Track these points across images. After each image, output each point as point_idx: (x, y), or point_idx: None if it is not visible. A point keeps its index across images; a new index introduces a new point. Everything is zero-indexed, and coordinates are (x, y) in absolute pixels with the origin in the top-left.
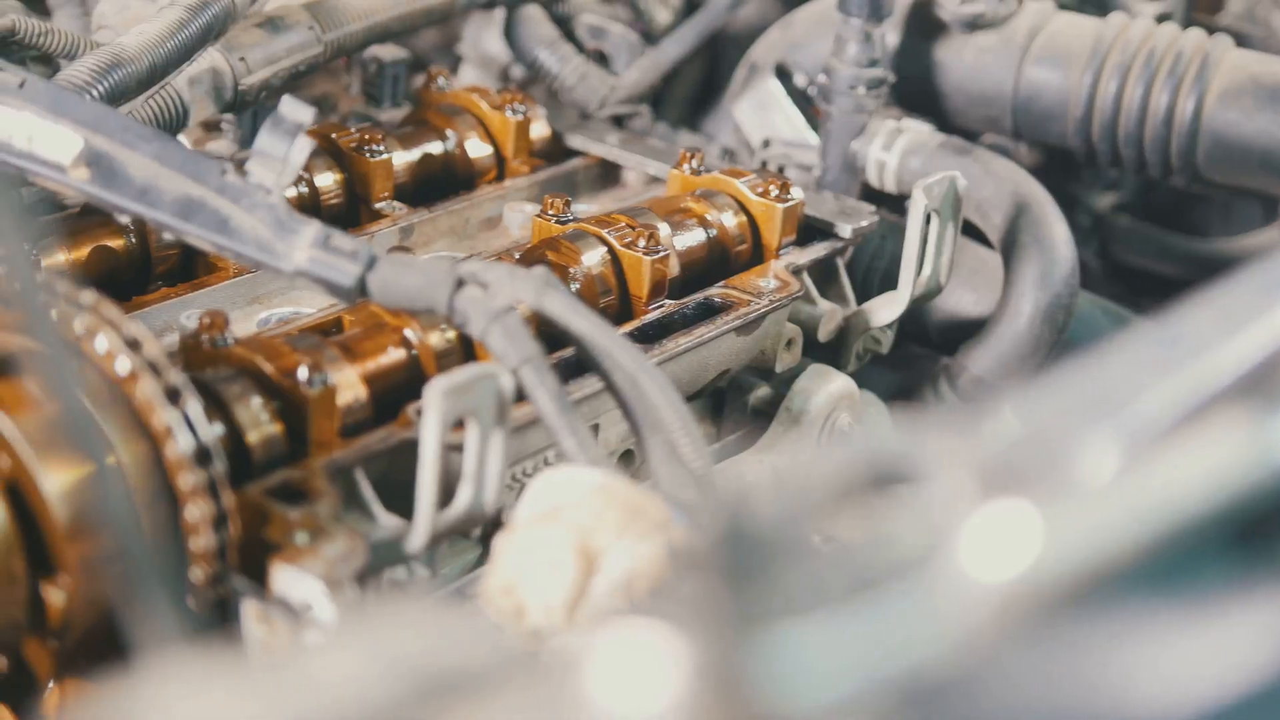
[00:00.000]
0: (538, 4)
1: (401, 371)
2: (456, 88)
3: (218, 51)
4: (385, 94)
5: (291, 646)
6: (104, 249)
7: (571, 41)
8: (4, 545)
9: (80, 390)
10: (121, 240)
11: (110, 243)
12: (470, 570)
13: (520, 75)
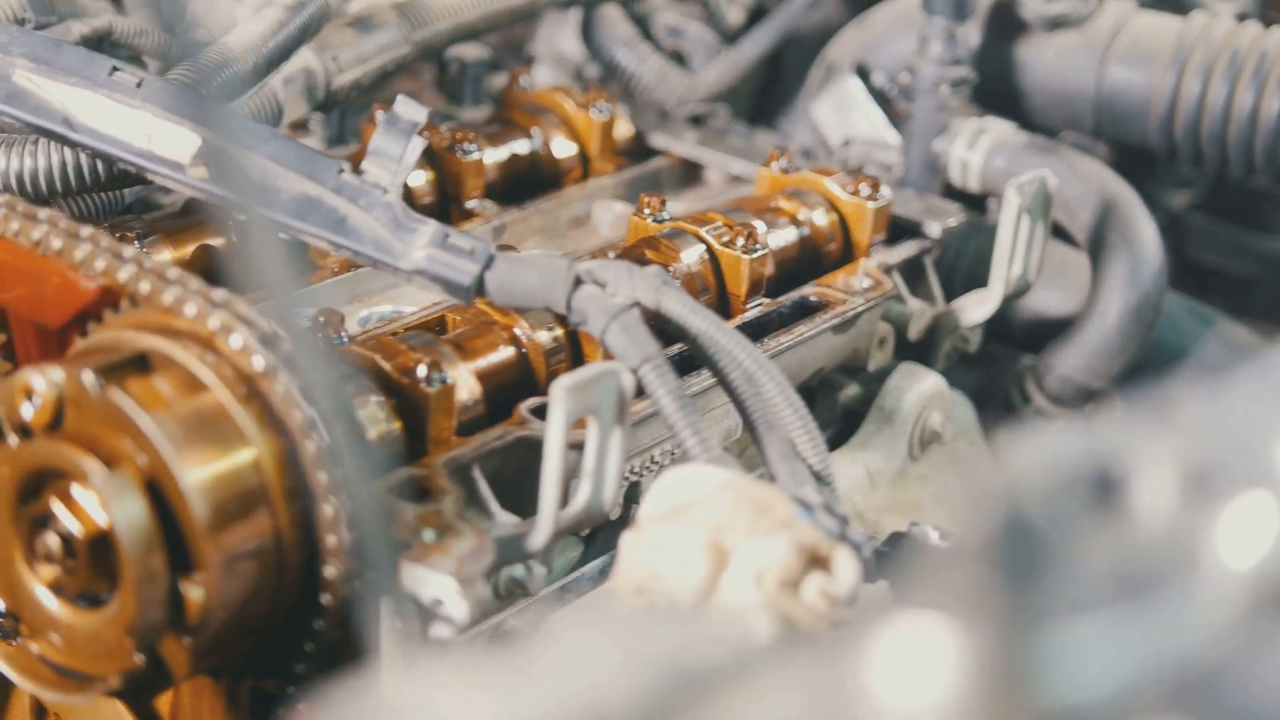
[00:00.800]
0: (616, 3)
1: (512, 369)
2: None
3: (310, 51)
4: (466, 93)
5: (429, 645)
6: (207, 248)
7: (648, 41)
8: (145, 542)
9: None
10: (224, 239)
11: (213, 242)
12: (573, 568)
13: (594, 74)
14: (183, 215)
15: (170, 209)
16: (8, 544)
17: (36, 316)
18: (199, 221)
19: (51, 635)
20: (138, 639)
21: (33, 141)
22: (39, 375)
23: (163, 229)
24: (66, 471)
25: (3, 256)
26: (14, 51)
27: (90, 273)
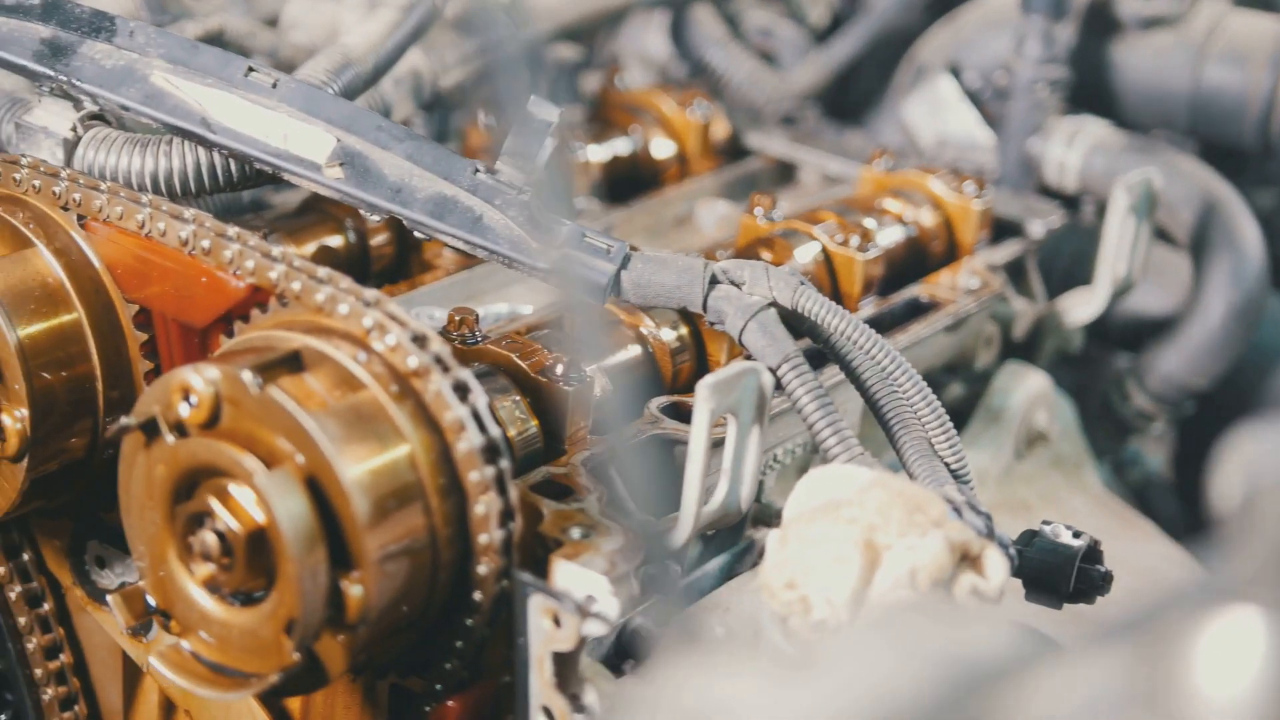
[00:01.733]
0: (708, 3)
1: (639, 368)
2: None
3: (417, 51)
4: (560, 93)
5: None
6: (325, 248)
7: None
8: (308, 539)
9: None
10: (342, 239)
11: (331, 242)
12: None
13: (679, 74)
14: (300, 214)
15: (283, 209)
16: (162, 542)
17: (182, 315)
18: (316, 220)
19: (203, 633)
20: (299, 637)
21: (167, 142)
22: (196, 374)
23: (282, 228)
24: (224, 470)
25: (149, 256)
26: (151, 53)
27: (239, 272)
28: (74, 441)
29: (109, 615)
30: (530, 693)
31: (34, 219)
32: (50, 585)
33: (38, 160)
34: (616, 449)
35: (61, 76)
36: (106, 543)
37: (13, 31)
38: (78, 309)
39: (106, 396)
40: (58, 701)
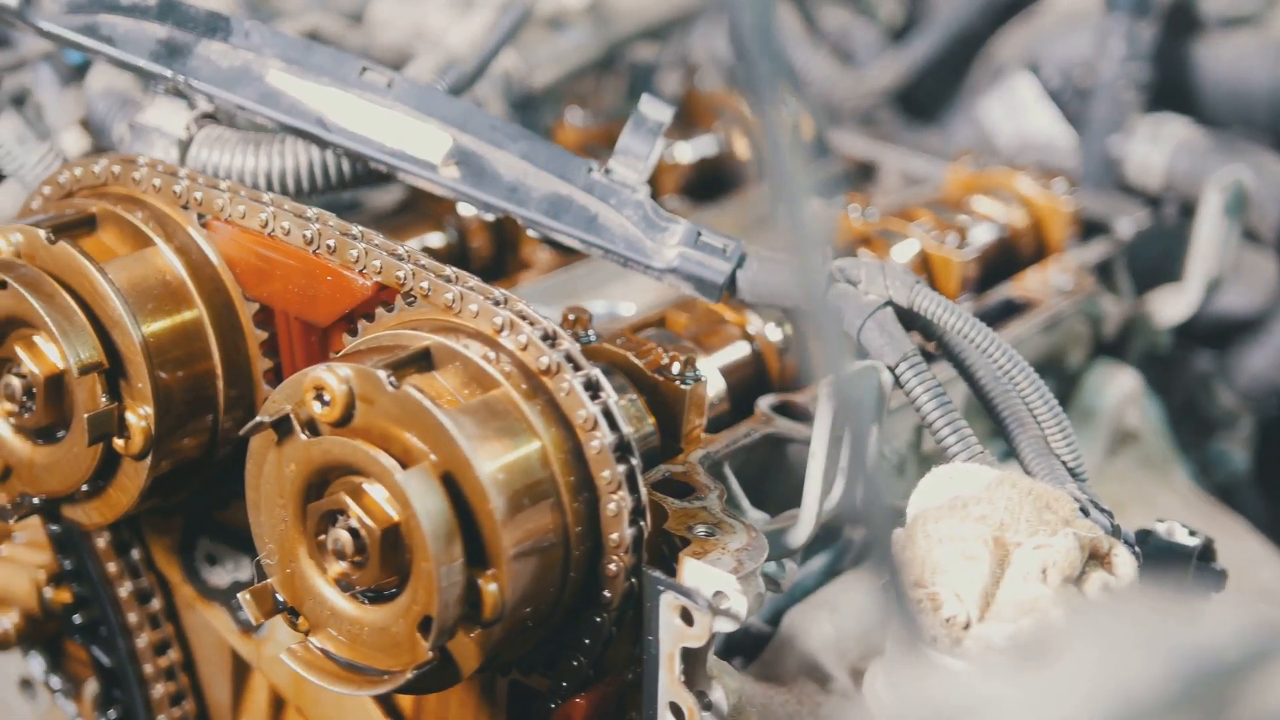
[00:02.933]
0: (784, 2)
1: (748, 366)
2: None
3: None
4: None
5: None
6: (426, 248)
7: (813, 40)
8: (447, 536)
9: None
10: (443, 237)
11: (431, 240)
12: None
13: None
14: (399, 213)
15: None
16: (291, 540)
17: (305, 314)
18: (416, 219)
19: (331, 629)
20: (436, 634)
21: (280, 141)
22: (330, 373)
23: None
24: (359, 468)
25: (272, 255)
26: (266, 52)
27: (364, 271)
28: (194, 439)
29: (218, 612)
30: (658, 690)
31: (152, 217)
32: (159, 582)
33: (155, 160)
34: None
35: (179, 76)
36: (218, 540)
37: (129, 32)
38: (199, 306)
39: (226, 394)
40: (167, 698)
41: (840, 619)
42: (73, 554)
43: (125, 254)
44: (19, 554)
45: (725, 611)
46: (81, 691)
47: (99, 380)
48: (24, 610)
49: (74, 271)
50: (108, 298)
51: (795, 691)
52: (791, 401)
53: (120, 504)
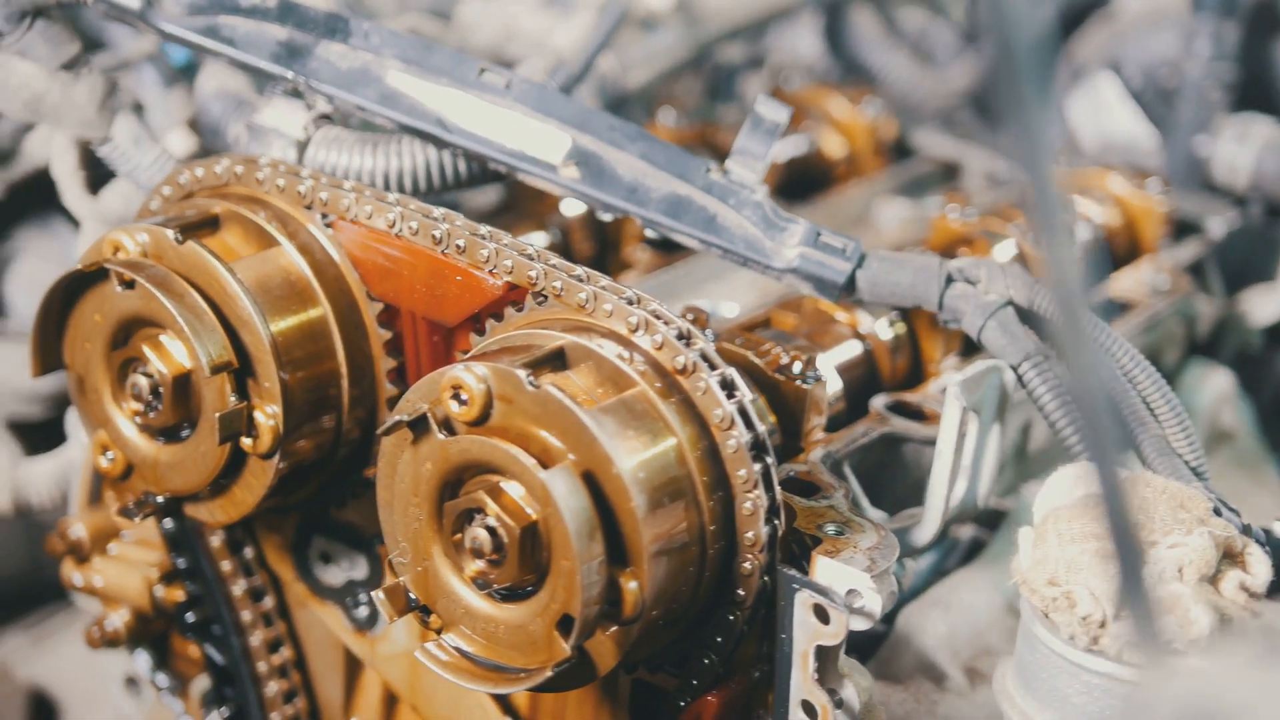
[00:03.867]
0: (866, 3)
1: (861, 365)
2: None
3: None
4: (722, 92)
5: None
6: None
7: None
8: (591, 534)
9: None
10: (546, 237)
11: (534, 239)
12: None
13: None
14: (501, 213)
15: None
16: (425, 538)
17: (433, 313)
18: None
19: (464, 627)
20: (578, 632)
21: (396, 141)
22: (468, 372)
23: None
24: (497, 467)
25: (399, 254)
26: (386, 53)
27: (495, 270)
28: (318, 439)
29: (332, 610)
30: (789, 688)
31: (275, 217)
32: (270, 580)
33: (277, 160)
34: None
35: (300, 78)
36: (333, 538)
37: (250, 33)
38: (323, 306)
39: (350, 394)
40: (280, 696)
41: (953, 618)
42: (186, 552)
43: (249, 254)
44: (129, 552)
45: (860, 610)
46: (188, 689)
47: (228, 380)
48: (135, 608)
49: (202, 271)
50: (237, 297)
51: (912, 690)
52: (905, 400)
53: (245, 503)
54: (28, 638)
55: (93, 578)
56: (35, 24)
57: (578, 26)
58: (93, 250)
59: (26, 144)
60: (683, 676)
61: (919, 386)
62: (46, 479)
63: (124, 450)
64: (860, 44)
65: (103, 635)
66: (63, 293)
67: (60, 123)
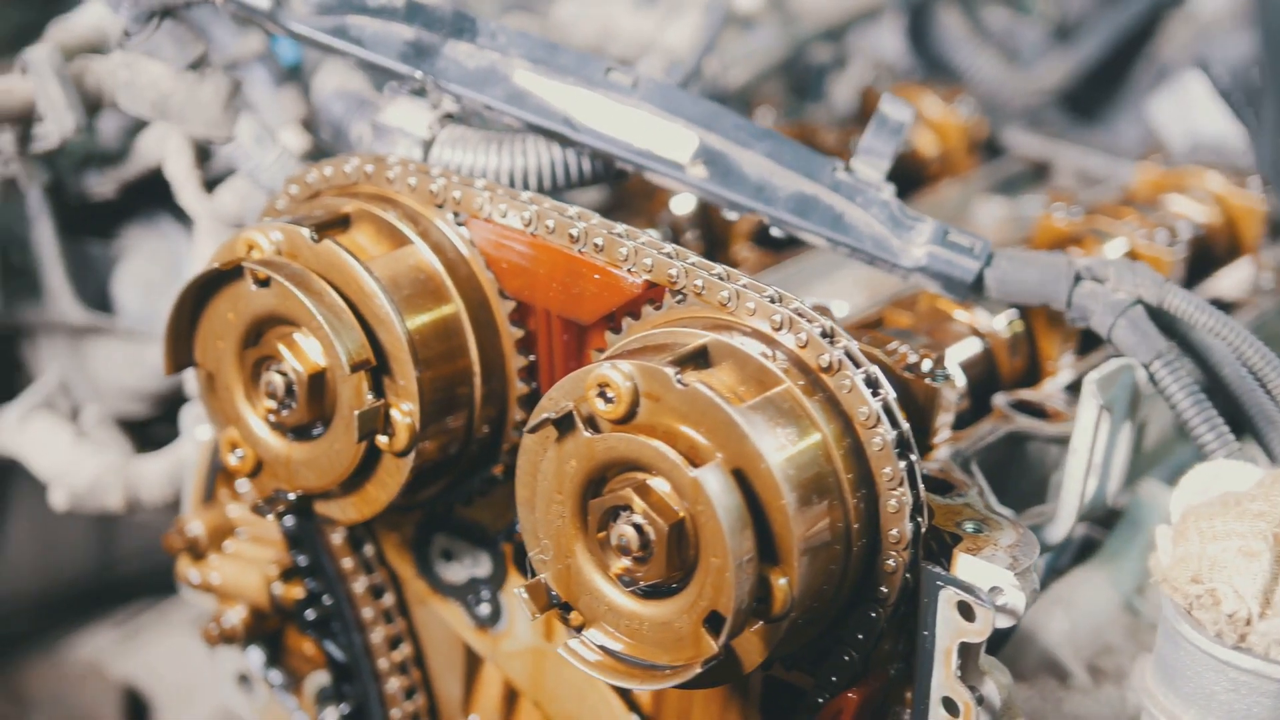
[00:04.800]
0: (952, 2)
1: (981, 364)
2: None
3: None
4: (811, 92)
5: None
6: None
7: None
8: (743, 532)
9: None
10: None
11: None
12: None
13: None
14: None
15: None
16: (569, 536)
17: (569, 312)
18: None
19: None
20: (729, 629)
21: (521, 140)
22: (615, 370)
23: None
24: (645, 465)
25: (533, 253)
26: (513, 53)
27: (634, 269)
28: (452, 436)
29: (453, 607)
30: (930, 685)
31: (406, 216)
32: (390, 578)
33: (406, 159)
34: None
35: (428, 77)
36: (455, 536)
37: (378, 33)
38: (457, 303)
39: (482, 391)
40: (401, 692)
41: (1075, 615)
42: (307, 549)
43: (380, 252)
44: (246, 550)
45: (1003, 607)
46: (301, 686)
47: (365, 378)
48: (252, 605)
49: (338, 269)
50: (374, 295)
51: (1037, 687)
52: (1028, 399)
53: (378, 500)
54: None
55: (210, 574)
56: (163, 24)
57: (687, 26)
58: (226, 249)
59: (139, 144)
60: (821, 674)
61: (1036, 384)
62: (158, 477)
63: (254, 448)
64: (945, 42)
65: (220, 632)
66: (196, 291)
67: (185, 123)
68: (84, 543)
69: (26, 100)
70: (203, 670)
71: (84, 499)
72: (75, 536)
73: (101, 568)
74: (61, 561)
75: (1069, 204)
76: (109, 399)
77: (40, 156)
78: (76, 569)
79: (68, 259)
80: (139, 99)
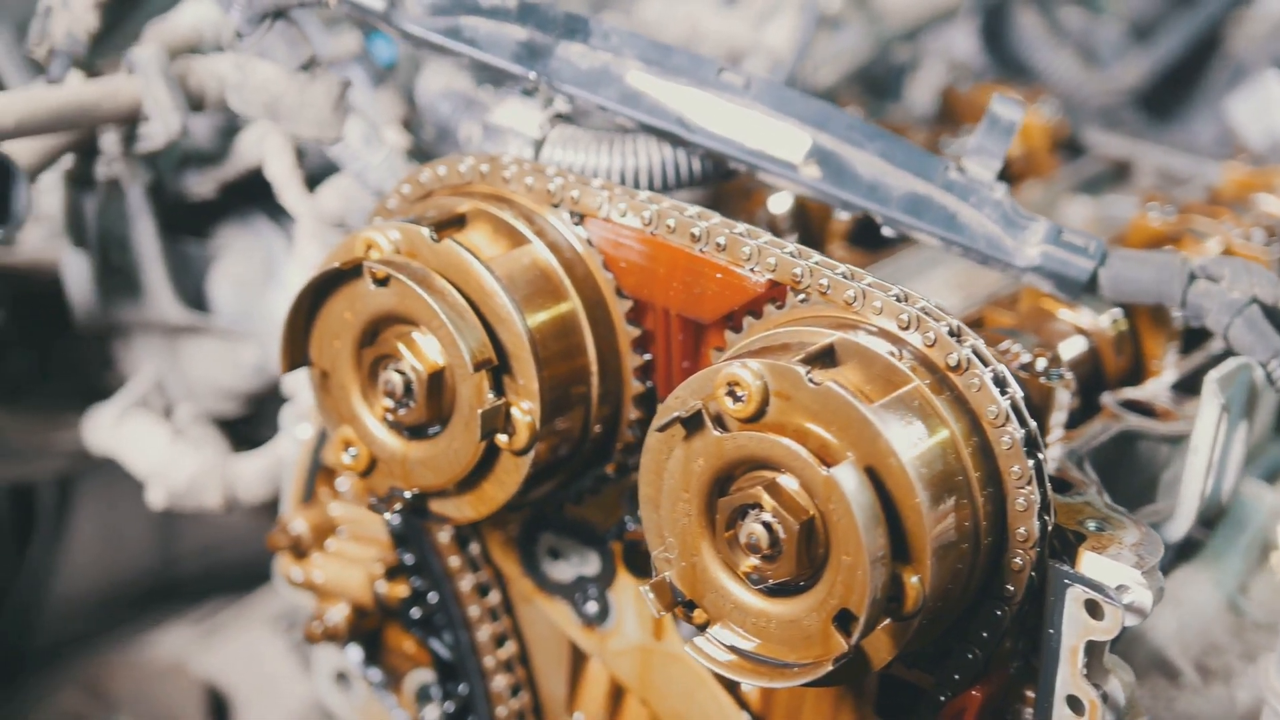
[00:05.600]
0: (1029, 2)
1: (1087, 363)
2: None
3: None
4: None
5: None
6: None
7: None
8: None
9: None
10: None
11: None
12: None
13: (986, 72)
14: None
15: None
16: (694, 534)
17: (689, 311)
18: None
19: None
20: (862, 627)
21: (631, 139)
22: (745, 369)
23: None
24: (775, 463)
25: (653, 252)
26: (626, 53)
27: (757, 268)
28: (569, 434)
29: (559, 606)
30: (1055, 683)
31: (522, 215)
32: (495, 576)
33: (522, 158)
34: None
35: (542, 77)
36: (563, 535)
37: (491, 34)
38: (574, 302)
39: (599, 390)
40: (507, 690)
41: (1182, 614)
42: (414, 548)
43: (497, 251)
44: (347, 549)
45: (1130, 606)
46: (401, 684)
47: (487, 376)
48: (354, 604)
49: (458, 268)
50: (495, 294)
51: (1148, 686)
52: (1137, 398)
53: (495, 499)
54: (196, 632)
55: (312, 573)
56: (275, 26)
57: (784, 26)
58: (344, 249)
59: (238, 144)
60: (943, 672)
61: (1140, 383)
62: (256, 476)
63: (370, 446)
64: (1022, 42)
65: (324, 630)
66: (314, 290)
67: (296, 123)
68: (145, 541)
69: (133, 101)
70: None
71: (182, 498)
72: (137, 536)
73: (163, 565)
74: (124, 560)
75: (1162, 204)
76: (201, 398)
77: (143, 156)
78: (139, 568)
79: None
80: (250, 100)
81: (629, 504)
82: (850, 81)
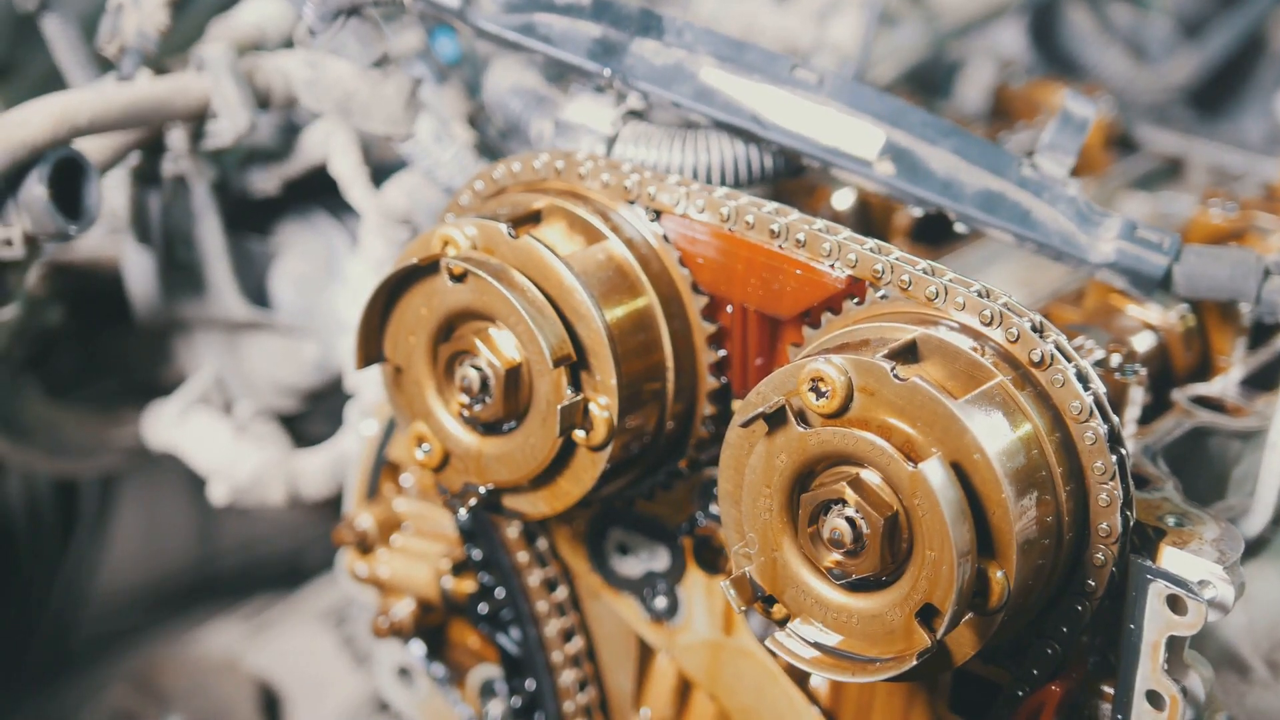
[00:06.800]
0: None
1: (1156, 359)
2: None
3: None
4: (941, 88)
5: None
6: None
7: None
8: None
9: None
10: None
11: None
12: None
13: (1035, 68)
14: None
15: None
16: (775, 529)
17: (767, 307)
18: None
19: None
20: (948, 622)
21: (704, 136)
22: (829, 365)
23: None
24: (858, 458)
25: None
26: (700, 50)
27: (837, 265)
28: (644, 430)
29: (627, 601)
30: (1135, 679)
31: (597, 211)
32: (563, 571)
33: (596, 155)
34: (1165, 440)
35: (616, 75)
36: (632, 530)
37: (565, 31)
38: (651, 298)
39: (674, 386)
40: (575, 685)
41: (1252, 610)
42: (483, 543)
43: (573, 247)
44: (413, 544)
45: (1212, 601)
46: (464, 679)
47: (565, 372)
48: (420, 599)
49: (535, 264)
50: (574, 290)
51: (1218, 681)
52: (1208, 394)
53: (571, 495)
54: (248, 628)
55: (378, 568)
56: (348, 23)
57: (849, 23)
58: (420, 245)
59: (303, 140)
60: (1021, 667)
61: (1208, 379)
62: (319, 472)
63: (444, 442)
64: (1073, 39)
65: (390, 625)
66: (390, 287)
67: (368, 120)
68: (184, 538)
69: (202, 98)
70: (332, 664)
71: (245, 494)
72: (178, 532)
73: (201, 562)
74: (165, 556)
75: (1224, 200)
76: (260, 394)
77: (209, 153)
78: (180, 564)
79: (230, 255)
80: (323, 97)
81: (700, 499)
82: (904, 79)
